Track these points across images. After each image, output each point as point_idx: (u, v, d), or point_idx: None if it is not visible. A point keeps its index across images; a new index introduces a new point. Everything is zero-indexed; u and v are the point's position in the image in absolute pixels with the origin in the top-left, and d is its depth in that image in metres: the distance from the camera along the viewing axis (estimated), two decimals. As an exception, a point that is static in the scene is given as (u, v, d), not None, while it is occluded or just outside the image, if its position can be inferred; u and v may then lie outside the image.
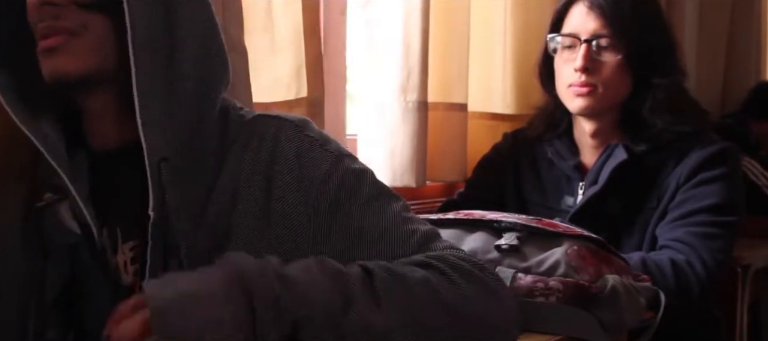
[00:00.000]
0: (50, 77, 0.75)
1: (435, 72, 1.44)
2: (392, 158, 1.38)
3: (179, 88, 0.75)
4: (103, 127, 0.79)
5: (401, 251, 0.75)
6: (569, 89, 1.28)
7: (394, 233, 0.76)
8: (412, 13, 1.36)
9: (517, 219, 1.02)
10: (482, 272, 0.74)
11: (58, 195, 0.79)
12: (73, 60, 0.74)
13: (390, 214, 0.77)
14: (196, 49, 0.77)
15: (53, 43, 0.74)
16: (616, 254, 1.02)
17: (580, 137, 1.34)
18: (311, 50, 1.21)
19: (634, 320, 0.96)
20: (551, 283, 0.93)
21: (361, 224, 0.76)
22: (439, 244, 0.78)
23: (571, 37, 1.28)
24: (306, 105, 1.21)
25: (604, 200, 1.26)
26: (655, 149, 1.27)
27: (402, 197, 0.82)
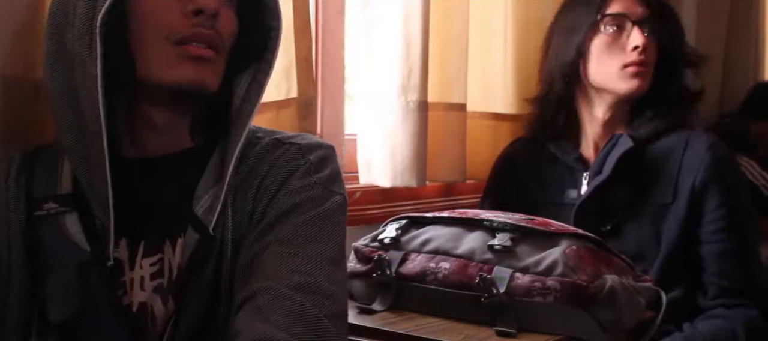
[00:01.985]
0: (192, 84, 0.77)
1: (434, 72, 1.44)
2: (392, 158, 1.38)
3: (247, 112, 0.81)
4: (162, 138, 0.81)
5: (282, 279, 0.75)
6: (625, 70, 1.28)
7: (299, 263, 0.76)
8: (413, 12, 1.35)
9: (508, 219, 1.02)
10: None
11: (63, 206, 0.78)
12: (215, 77, 0.79)
13: (320, 254, 0.77)
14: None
15: (210, 55, 0.78)
16: (616, 253, 1.02)
17: (587, 126, 1.34)
18: (302, 50, 1.21)
19: (634, 320, 0.96)
20: (549, 283, 0.93)
21: (287, 237, 0.77)
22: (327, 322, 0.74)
23: (621, 17, 1.28)
24: (296, 106, 1.21)
25: (609, 190, 1.26)
26: (657, 138, 1.28)
27: (345, 271, 0.82)
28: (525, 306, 0.94)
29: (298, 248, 0.76)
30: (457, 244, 1.02)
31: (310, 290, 0.73)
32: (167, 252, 0.78)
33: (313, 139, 0.85)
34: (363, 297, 1.05)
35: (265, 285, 0.73)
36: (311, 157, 0.82)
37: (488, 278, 0.95)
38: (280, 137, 0.85)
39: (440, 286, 1.00)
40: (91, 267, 0.76)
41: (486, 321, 0.96)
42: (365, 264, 1.06)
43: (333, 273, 0.77)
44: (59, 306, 0.75)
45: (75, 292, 0.75)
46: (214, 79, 0.79)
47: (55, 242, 0.77)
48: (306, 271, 0.75)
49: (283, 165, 0.81)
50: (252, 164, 0.81)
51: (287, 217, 0.78)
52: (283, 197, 0.79)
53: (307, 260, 0.76)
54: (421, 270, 1.01)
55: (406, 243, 1.06)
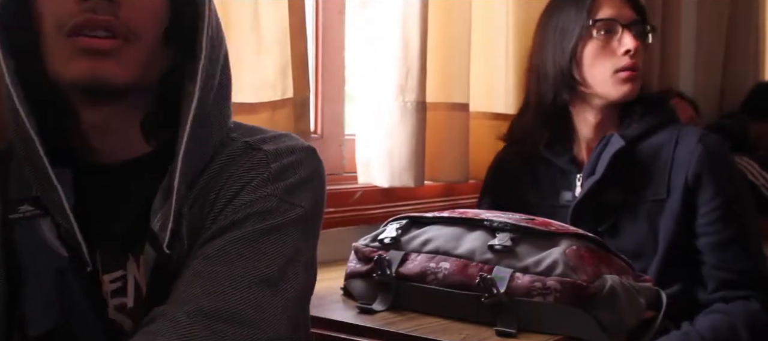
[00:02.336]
0: (87, 81, 0.68)
1: (436, 72, 1.44)
2: (390, 158, 1.38)
3: (204, 113, 0.73)
4: (108, 143, 0.74)
5: (193, 293, 0.67)
6: (617, 75, 1.28)
7: (218, 280, 0.68)
8: (411, 13, 1.36)
9: (508, 219, 1.02)
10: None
11: (39, 209, 0.72)
12: (121, 69, 0.69)
13: (245, 275, 0.68)
14: (224, 79, 0.76)
15: (108, 45, 0.67)
16: (616, 253, 1.02)
17: (580, 128, 1.34)
18: (297, 51, 1.21)
19: (634, 320, 0.96)
20: (549, 283, 0.93)
21: (214, 254, 0.69)
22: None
23: (612, 22, 1.28)
24: (292, 106, 1.21)
25: (603, 190, 1.27)
26: (647, 135, 1.29)
27: (289, 293, 0.71)
28: (525, 306, 0.94)
29: (221, 267, 0.68)
30: (458, 244, 1.02)
31: (218, 317, 0.65)
32: (131, 269, 0.73)
33: (289, 142, 0.77)
34: (363, 297, 1.05)
35: (166, 309, 0.66)
36: (274, 165, 0.74)
37: (488, 278, 0.95)
38: (253, 139, 0.77)
39: (440, 286, 0.99)
40: (70, 273, 0.72)
41: (486, 321, 0.95)
42: (365, 264, 1.06)
43: (261, 297, 0.68)
44: (38, 319, 0.72)
45: (55, 303, 0.71)
46: (118, 71, 0.68)
47: (31, 246, 0.72)
48: (220, 294, 0.66)
49: (241, 175, 0.73)
50: (215, 172, 0.74)
51: (225, 233, 0.70)
52: (229, 211, 0.71)
53: (228, 281, 0.67)
54: (422, 270, 1.01)
55: (406, 243, 1.06)
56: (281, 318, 0.69)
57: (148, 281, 0.72)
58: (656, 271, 1.20)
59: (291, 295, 0.71)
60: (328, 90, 1.45)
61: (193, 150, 0.71)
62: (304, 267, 0.75)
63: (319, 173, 0.78)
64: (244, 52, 1.16)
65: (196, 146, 0.72)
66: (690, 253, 1.24)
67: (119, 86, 0.69)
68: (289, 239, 0.72)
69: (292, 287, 0.71)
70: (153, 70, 0.72)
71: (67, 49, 0.68)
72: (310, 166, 0.77)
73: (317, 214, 0.78)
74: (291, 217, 0.73)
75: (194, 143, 0.72)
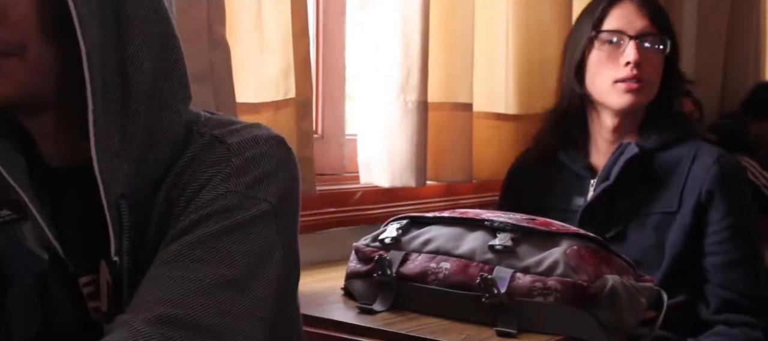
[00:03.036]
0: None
1: (439, 72, 1.44)
2: (391, 158, 1.38)
3: (132, 111, 0.68)
4: (50, 148, 0.72)
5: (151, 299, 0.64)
6: (616, 85, 1.28)
7: (176, 287, 0.64)
8: (411, 13, 1.36)
9: (509, 219, 1.02)
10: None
11: (18, 213, 0.71)
12: (8, 82, 0.65)
13: (203, 279, 0.64)
14: (150, 65, 0.69)
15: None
16: (617, 254, 1.02)
17: (597, 135, 1.35)
18: (300, 51, 1.21)
19: (635, 320, 0.96)
20: (550, 283, 0.93)
21: (170, 258, 0.66)
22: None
23: (618, 33, 1.29)
24: (294, 106, 1.21)
25: (614, 197, 1.27)
26: (666, 147, 1.29)
27: (255, 295, 0.67)
28: (526, 306, 0.94)
29: (177, 272, 0.64)
30: (458, 244, 1.02)
31: (176, 325, 0.61)
32: (103, 272, 0.71)
33: (256, 132, 0.72)
34: (363, 297, 1.05)
35: (125, 317, 0.63)
36: (235, 159, 0.69)
37: (489, 278, 0.95)
38: (219, 132, 0.72)
39: (441, 286, 0.99)
40: (51, 276, 0.70)
41: (487, 321, 0.95)
42: (366, 264, 1.06)
43: (223, 300, 0.64)
44: (22, 325, 0.70)
45: (36, 308, 0.70)
46: (4, 86, 0.65)
47: (12, 251, 0.71)
48: (178, 301, 0.63)
49: (203, 172, 0.69)
50: (180, 168, 0.70)
51: (184, 235, 0.66)
52: (191, 210, 0.67)
53: (185, 287, 0.63)
54: (422, 270, 1.01)
55: (406, 243, 1.05)
56: (249, 321, 0.66)
57: (112, 285, 0.70)
58: (659, 282, 1.20)
59: (263, 294, 0.67)
60: (329, 90, 1.45)
61: (120, 154, 0.67)
62: (280, 264, 0.70)
63: (286, 164, 0.73)
64: (247, 53, 1.16)
65: (127, 147, 0.68)
66: (695, 268, 1.24)
67: (11, 101, 0.66)
68: (256, 236, 0.68)
69: (264, 286, 0.68)
70: (52, 74, 0.67)
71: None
72: (276, 157, 0.72)
73: (289, 206, 0.73)
74: (255, 213, 0.68)
75: (123, 145, 0.67)
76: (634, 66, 1.26)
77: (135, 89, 0.68)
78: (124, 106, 0.67)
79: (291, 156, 0.75)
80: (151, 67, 0.69)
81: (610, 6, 1.31)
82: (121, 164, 0.67)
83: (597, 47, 1.31)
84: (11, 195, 0.70)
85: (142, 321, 0.61)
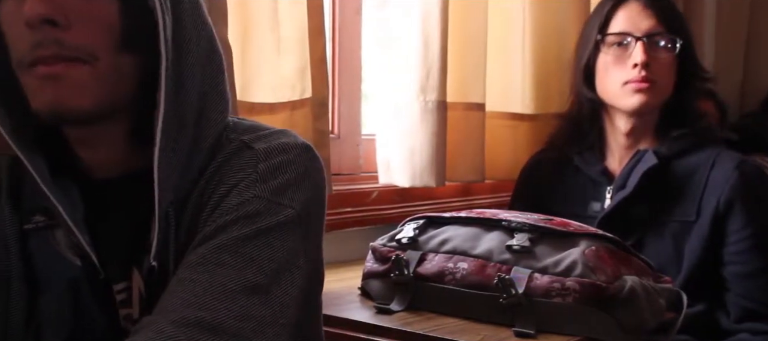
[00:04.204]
0: (52, 113, 0.65)
1: (453, 71, 1.44)
2: (411, 158, 1.37)
3: (184, 121, 0.69)
4: (92, 157, 0.72)
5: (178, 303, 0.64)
6: (625, 87, 1.27)
7: (200, 292, 0.64)
8: (431, 12, 1.35)
9: (526, 219, 1.02)
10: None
11: (52, 219, 0.72)
12: (80, 92, 0.65)
13: (228, 284, 0.65)
14: (200, 76, 0.71)
15: (55, 71, 0.64)
16: (636, 254, 1.01)
17: (612, 139, 1.33)
18: (316, 51, 1.21)
19: (654, 321, 0.95)
20: (568, 283, 0.93)
21: (196, 261, 0.67)
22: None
23: (624, 35, 1.28)
24: (310, 106, 1.21)
25: (632, 206, 1.26)
26: (683, 154, 1.27)
27: (278, 301, 0.68)
28: (544, 307, 0.93)
29: (203, 276, 0.65)
30: (475, 244, 1.01)
31: (201, 327, 0.62)
32: (135, 280, 0.72)
33: (283, 139, 0.73)
34: (380, 297, 1.05)
35: (150, 319, 0.64)
36: (262, 165, 0.70)
37: (506, 278, 0.95)
38: (249, 137, 0.73)
39: (458, 286, 0.99)
40: (83, 283, 0.71)
41: (504, 321, 0.95)
42: (383, 264, 1.06)
43: (245, 305, 0.64)
44: (54, 330, 0.71)
45: (68, 314, 0.71)
46: (80, 98, 0.65)
47: (46, 257, 0.72)
48: (203, 304, 0.63)
49: (230, 177, 0.70)
50: (210, 174, 0.71)
51: (210, 239, 0.67)
52: (217, 215, 0.68)
53: (210, 291, 0.64)
54: (439, 270, 1.01)
55: (423, 243, 1.05)
56: (272, 326, 0.66)
57: (146, 291, 0.71)
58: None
59: (285, 301, 0.68)
60: (345, 90, 1.45)
61: (174, 162, 0.69)
62: (303, 271, 0.71)
63: (312, 171, 0.74)
64: (263, 53, 1.16)
65: (178, 156, 0.69)
66: (714, 278, 1.22)
67: (83, 113, 0.66)
68: (280, 242, 0.69)
69: (287, 293, 0.68)
70: (121, 84, 0.68)
71: (29, 80, 0.66)
72: (303, 164, 0.73)
73: (314, 214, 0.74)
74: (280, 219, 0.69)
75: (175, 153, 0.68)
76: (642, 67, 1.25)
77: (187, 100, 0.69)
78: (178, 116, 0.69)
79: (317, 163, 0.75)
80: (201, 78, 0.71)
81: (616, 8, 1.30)
82: (172, 172, 0.69)
83: (604, 50, 1.29)
84: (43, 202, 0.70)
85: (169, 322, 0.62)
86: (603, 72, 1.30)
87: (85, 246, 0.69)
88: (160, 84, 0.66)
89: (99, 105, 0.67)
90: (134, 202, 0.71)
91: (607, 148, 1.35)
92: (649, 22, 1.27)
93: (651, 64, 1.25)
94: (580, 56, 1.35)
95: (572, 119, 1.37)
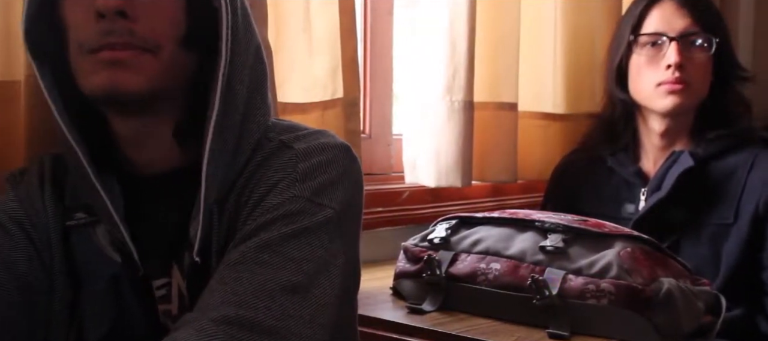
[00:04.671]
0: (106, 91, 0.67)
1: (484, 71, 1.43)
2: (437, 158, 1.37)
3: (231, 120, 0.71)
4: (144, 153, 0.74)
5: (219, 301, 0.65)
6: (659, 88, 1.25)
7: (245, 290, 0.65)
8: (459, 12, 1.35)
9: (560, 220, 1.01)
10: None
11: (93, 216, 0.73)
12: (137, 77, 0.68)
13: (268, 283, 0.65)
14: (248, 77, 0.72)
15: (122, 56, 0.67)
16: (673, 256, 1.00)
17: (646, 141, 1.32)
18: (348, 51, 1.21)
19: (692, 324, 0.93)
20: (603, 285, 0.92)
21: (237, 260, 0.67)
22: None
23: (658, 35, 1.26)
24: (342, 106, 1.22)
25: (667, 208, 1.24)
26: (720, 155, 1.25)
27: (316, 300, 0.68)
28: (578, 309, 0.92)
29: (243, 275, 0.65)
30: (508, 245, 1.01)
31: (241, 325, 0.62)
32: (175, 276, 0.74)
33: (322, 140, 0.74)
34: (412, 297, 1.05)
35: (192, 316, 0.65)
36: (301, 165, 0.71)
37: (540, 279, 0.94)
38: (288, 137, 0.74)
39: (491, 287, 0.99)
40: (123, 279, 0.73)
41: (538, 323, 0.94)
42: (415, 264, 1.06)
43: (288, 304, 0.65)
44: (95, 325, 0.73)
45: (108, 309, 0.72)
46: (136, 80, 0.67)
47: (87, 253, 0.74)
48: (243, 302, 0.64)
49: (270, 176, 0.71)
50: (250, 173, 0.72)
51: (250, 238, 0.68)
52: (257, 214, 0.69)
53: (250, 289, 0.64)
54: (472, 271, 1.01)
55: (456, 243, 1.05)
56: (310, 326, 0.67)
57: (188, 288, 0.72)
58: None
59: (324, 301, 0.68)
60: (376, 90, 1.45)
61: (220, 159, 0.70)
62: (341, 270, 0.71)
63: (351, 171, 0.75)
64: (295, 53, 1.17)
65: (224, 155, 0.70)
66: (752, 281, 1.20)
67: (137, 95, 0.68)
68: (319, 242, 0.69)
69: (325, 293, 0.68)
70: (177, 77, 0.71)
71: (88, 64, 0.68)
72: (342, 164, 0.73)
73: (353, 214, 0.75)
74: (319, 219, 0.70)
75: (221, 152, 0.70)
76: (676, 68, 1.22)
77: (235, 99, 0.71)
78: (226, 115, 0.70)
79: (356, 164, 0.76)
80: (248, 79, 0.72)
81: (649, 7, 1.28)
82: (217, 170, 0.70)
83: (637, 51, 1.27)
84: (85, 198, 0.73)
85: (209, 319, 0.63)
86: (636, 73, 1.28)
87: (127, 242, 0.71)
88: (215, 83, 0.68)
89: (151, 91, 0.69)
90: (175, 199, 0.73)
91: (641, 149, 1.33)
92: (684, 21, 1.25)
93: (685, 65, 1.23)
94: (612, 57, 1.33)
95: (605, 120, 1.36)
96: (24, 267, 0.73)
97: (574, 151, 1.43)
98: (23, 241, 0.74)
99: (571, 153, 1.43)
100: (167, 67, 0.69)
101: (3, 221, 0.74)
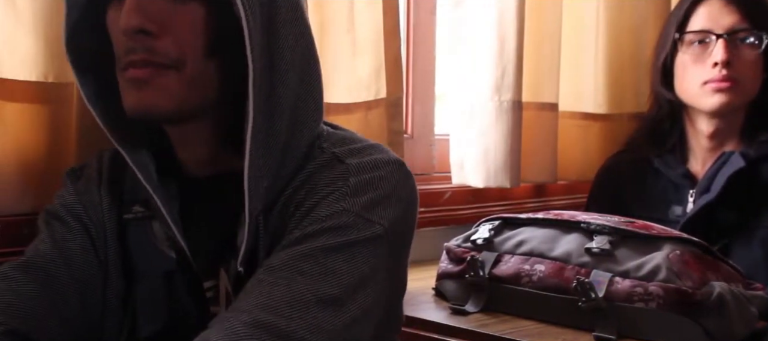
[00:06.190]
0: (136, 113, 0.68)
1: (526, 71, 1.42)
2: (485, 158, 1.37)
3: (276, 128, 0.69)
4: (189, 156, 0.74)
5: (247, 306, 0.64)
6: (705, 86, 1.22)
7: (278, 302, 0.64)
8: (507, 11, 1.34)
9: (606, 221, 0.99)
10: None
11: (150, 211, 0.74)
12: (162, 96, 0.67)
13: (305, 293, 0.64)
14: (294, 84, 0.71)
15: (143, 75, 0.66)
16: (724, 259, 0.97)
17: (694, 141, 1.29)
18: (391, 51, 1.22)
19: (745, 330, 0.91)
20: (651, 288, 0.90)
21: (277, 265, 0.67)
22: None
23: (704, 33, 1.23)
24: (385, 106, 1.22)
25: (717, 210, 1.21)
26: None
27: (351, 316, 0.66)
28: (625, 312, 0.91)
29: (281, 281, 0.64)
30: (553, 246, 0.99)
31: (270, 332, 0.61)
32: (222, 279, 0.73)
33: (376, 156, 0.73)
34: (455, 298, 1.05)
35: (225, 316, 0.64)
36: (353, 179, 0.70)
37: (586, 281, 0.92)
38: (340, 150, 0.73)
39: (535, 289, 0.98)
40: (177, 275, 0.73)
41: (584, 325, 0.93)
42: (458, 265, 1.06)
43: (321, 318, 0.64)
44: (148, 321, 0.74)
45: (162, 305, 0.73)
46: (160, 101, 0.67)
47: (142, 247, 0.75)
48: (277, 309, 0.63)
49: (321, 189, 0.70)
50: (299, 183, 0.71)
51: (294, 245, 0.67)
52: (305, 224, 0.68)
53: (286, 297, 0.63)
54: (516, 272, 1.00)
55: (499, 244, 1.04)
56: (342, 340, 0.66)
57: (234, 293, 0.72)
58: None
59: (360, 316, 0.67)
60: (419, 90, 1.45)
61: (265, 168, 0.69)
62: (381, 287, 0.70)
63: (403, 189, 0.73)
64: (339, 54, 1.18)
65: (269, 163, 0.69)
66: None
67: (164, 115, 0.68)
68: (363, 258, 0.68)
69: (361, 308, 0.67)
70: (206, 88, 0.69)
71: (122, 81, 0.69)
72: (394, 181, 0.72)
73: (402, 232, 0.73)
74: (367, 235, 0.69)
75: (266, 161, 0.69)
76: (723, 66, 1.19)
77: (280, 107, 0.70)
78: (270, 122, 0.69)
79: (409, 181, 0.75)
80: (295, 86, 0.71)
81: (696, 4, 1.25)
82: (263, 179, 0.69)
83: (682, 50, 1.25)
84: (143, 194, 0.74)
85: (241, 322, 0.62)
86: (681, 72, 1.26)
87: (180, 240, 0.72)
88: (248, 91, 0.67)
89: (181, 108, 0.68)
90: (225, 203, 0.73)
91: (689, 150, 1.30)
92: (732, 18, 1.22)
93: (733, 63, 1.20)
94: (657, 56, 1.30)
95: (652, 120, 1.33)
96: (80, 259, 0.74)
97: (619, 152, 1.40)
98: (80, 233, 0.75)
99: (616, 154, 1.41)
100: (193, 83, 0.68)
101: (61, 213, 0.76)
